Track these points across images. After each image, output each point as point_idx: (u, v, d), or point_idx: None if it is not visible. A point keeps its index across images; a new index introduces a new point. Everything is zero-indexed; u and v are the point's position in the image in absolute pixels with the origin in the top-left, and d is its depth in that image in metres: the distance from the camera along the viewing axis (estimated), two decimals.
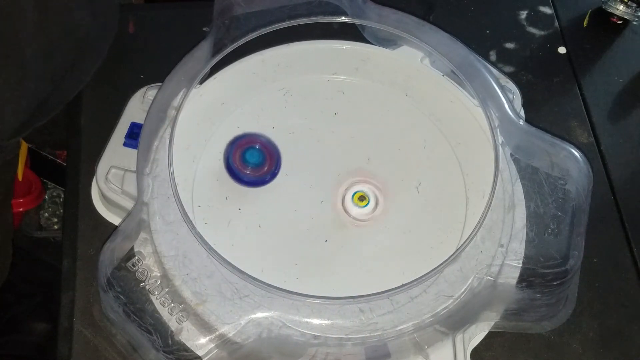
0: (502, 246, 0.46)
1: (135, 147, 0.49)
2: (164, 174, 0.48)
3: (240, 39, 0.51)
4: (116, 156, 0.50)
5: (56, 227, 0.75)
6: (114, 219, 0.51)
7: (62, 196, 0.74)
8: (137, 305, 0.44)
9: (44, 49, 0.48)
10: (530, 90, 0.57)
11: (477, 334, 0.47)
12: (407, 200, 0.49)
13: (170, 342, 0.44)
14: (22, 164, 0.65)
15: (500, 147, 0.49)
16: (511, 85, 0.54)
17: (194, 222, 0.46)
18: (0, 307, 0.72)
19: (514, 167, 0.50)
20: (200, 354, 0.43)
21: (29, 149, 0.68)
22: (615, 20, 0.62)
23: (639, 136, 0.57)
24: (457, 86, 0.52)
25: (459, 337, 0.46)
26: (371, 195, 0.49)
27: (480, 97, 0.50)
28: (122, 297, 0.44)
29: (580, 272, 0.48)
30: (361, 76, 0.53)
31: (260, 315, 0.43)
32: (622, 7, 0.61)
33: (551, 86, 0.59)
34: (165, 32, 0.60)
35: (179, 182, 0.47)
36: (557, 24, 0.62)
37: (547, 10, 0.63)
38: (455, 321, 0.45)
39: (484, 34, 0.61)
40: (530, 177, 0.49)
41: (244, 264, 0.44)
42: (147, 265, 0.46)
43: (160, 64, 0.52)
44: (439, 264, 0.44)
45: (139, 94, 0.53)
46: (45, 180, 0.75)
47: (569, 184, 0.48)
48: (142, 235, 0.47)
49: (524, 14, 0.62)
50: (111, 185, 0.49)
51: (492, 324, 0.48)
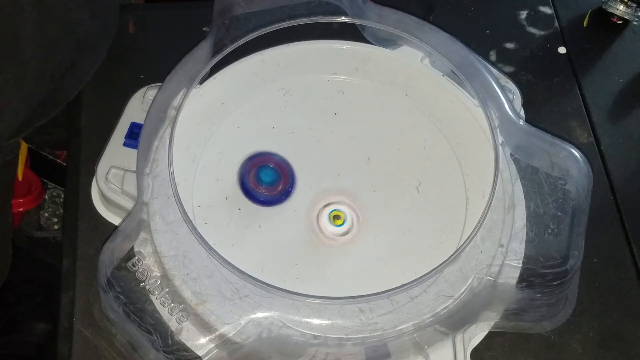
0: (502, 246, 0.46)
1: (135, 147, 0.49)
2: (164, 174, 0.48)
3: (240, 39, 0.51)
4: (116, 156, 0.50)
5: (56, 227, 0.75)
6: (114, 219, 0.51)
7: (62, 196, 0.74)
8: (137, 305, 0.44)
9: (44, 48, 0.48)
10: (530, 90, 0.57)
11: (477, 334, 0.47)
12: (407, 200, 0.49)
13: (170, 342, 0.44)
14: (22, 164, 0.65)
15: (500, 147, 0.49)
16: (511, 85, 0.54)
17: (194, 222, 0.45)
18: (0, 307, 0.72)
19: (514, 167, 0.50)
20: (200, 354, 0.43)
21: (29, 149, 0.68)
22: (615, 20, 0.62)
23: (639, 136, 0.57)
24: (457, 86, 0.52)
25: (459, 337, 0.46)
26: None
27: (480, 97, 0.50)
28: (122, 297, 0.44)
29: (580, 272, 0.48)
30: (361, 76, 0.53)
31: (260, 315, 0.43)
32: (622, 7, 0.60)
33: (551, 86, 0.59)
34: (165, 32, 0.60)
35: (179, 182, 0.47)
36: (557, 24, 0.62)
37: (547, 10, 0.63)
38: (455, 321, 0.45)
39: (484, 34, 0.61)
40: (530, 177, 0.49)
41: (244, 264, 0.44)
42: (147, 265, 0.46)
43: (160, 64, 0.52)
44: (439, 264, 0.44)
45: (139, 94, 0.53)
46: (45, 180, 0.75)
47: (569, 184, 0.48)
48: (142, 235, 0.47)
49: (524, 14, 0.62)
50: (111, 185, 0.49)
51: (492, 324, 0.48)
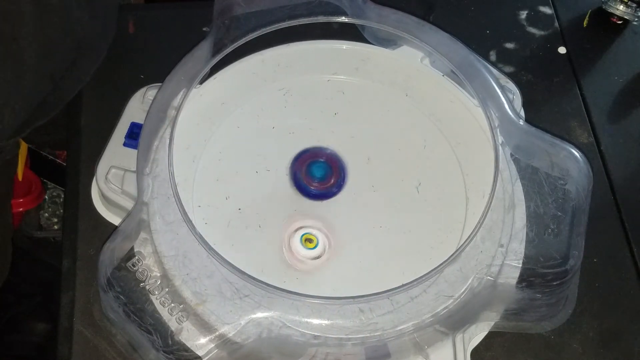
0: (502, 246, 0.46)
1: (135, 147, 0.49)
2: (164, 174, 0.47)
3: (240, 39, 0.51)
4: (116, 156, 0.50)
5: (56, 227, 0.75)
6: (114, 219, 0.51)
7: (62, 196, 0.74)
8: (137, 305, 0.44)
9: (43, 48, 0.48)
10: (530, 90, 0.57)
11: (477, 334, 0.47)
12: (407, 200, 0.49)
13: (170, 342, 0.44)
14: (22, 164, 0.65)
15: (500, 147, 0.49)
16: (511, 85, 0.54)
17: (194, 222, 0.45)
18: (0, 307, 0.72)
19: (514, 167, 0.50)
20: (200, 354, 0.43)
21: (29, 149, 0.68)
22: (615, 20, 0.62)
23: (639, 136, 0.57)
24: (457, 86, 0.52)
25: (459, 337, 0.46)
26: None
27: (480, 97, 0.50)
28: (122, 297, 0.44)
29: (580, 272, 0.47)
30: (361, 76, 0.53)
31: (260, 315, 0.43)
32: (622, 7, 0.60)
33: (551, 86, 0.59)
34: (165, 32, 0.60)
35: (179, 182, 0.47)
36: (557, 24, 0.62)
37: (547, 10, 0.63)
38: (455, 321, 0.45)
39: (484, 34, 0.61)
40: (530, 177, 0.49)
41: (244, 264, 0.44)
42: (147, 265, 0.46)
43: (160, 64, 0.52)
44: (439, 264, 0.44)
45: (139, 94, 0.53)
46: (45, 180, 0.75)
47: (569, 184, 0.48)
48: (142, 235, 0.47)
49: (524, 14, 0.62)
50: (111, 185, 0.49)
51: (492, 324, 0.48)
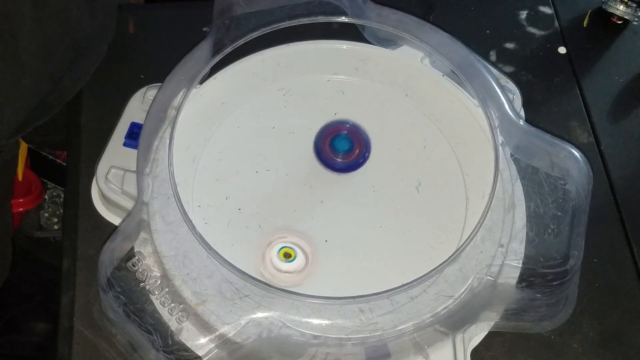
0: (502, 246, 0.46)
1: (135, 147, 0.49)
2: (164, 174, 0.47)
3: (240, 39, 0.51)
4: (116, 156, 0.50)
5: (56, 227, 0.75)
6: (114, 219, 0.51)
7: (62, 196, 0.74)
8: (137, 305, 0.44)
9: (43, 48, 0.48)
10: (530, 90, 0.57)
11: (477, 334, 0.47)
12: (407, 200, 0.49)
13: (170, 342, 0.44)
14: (22, 164, 0.65)
15: (500, 147, 0.49)
16: (511, 85, 0.54)
17: (194, 222, 0.45)
18: (0, 307, 0.72)
19: (514, 167, 0.50)
20: (200, 354, 0.43)
21: (29, 149, 0.68)
22: (615, 20, 0.62)
23: (639, 136, 0.57)
24: (457, 86, 0.52)
25: (459, 337, 0.46)
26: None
27: (480, 97, 0.50)
28: (122, 297, 0.44)
29: (580, 272, 0.48)
30: (361, 76, 0.53)
31: (260, 315, 0.43)
32: (622, 7, 0.60)
33: (551, 86, 0.59)
34: (165, 32, 0.60)
35: (179, 182, 0.47)
36: (557, 24, 0.62)
37: (547, 10, 0.63)
38: (455, 321, 0.45)
39: (484, 34, 0.61)
40: (530, 177, 0.49)
41: (244, 264, 0.44)
42: (147, 265, 0.46)
43: (160, 64, 0.52)
44: (439, 264, 0.44)
45: (139, 94, 0.53)
46: (45, 180, 0.75)
47: (569, 184, 0.48)
48: (142, 235, 0.47)
49: (524, 14, 0.62)
50: (111, 185, 0.49)
51: (492, 324, 0.47)
